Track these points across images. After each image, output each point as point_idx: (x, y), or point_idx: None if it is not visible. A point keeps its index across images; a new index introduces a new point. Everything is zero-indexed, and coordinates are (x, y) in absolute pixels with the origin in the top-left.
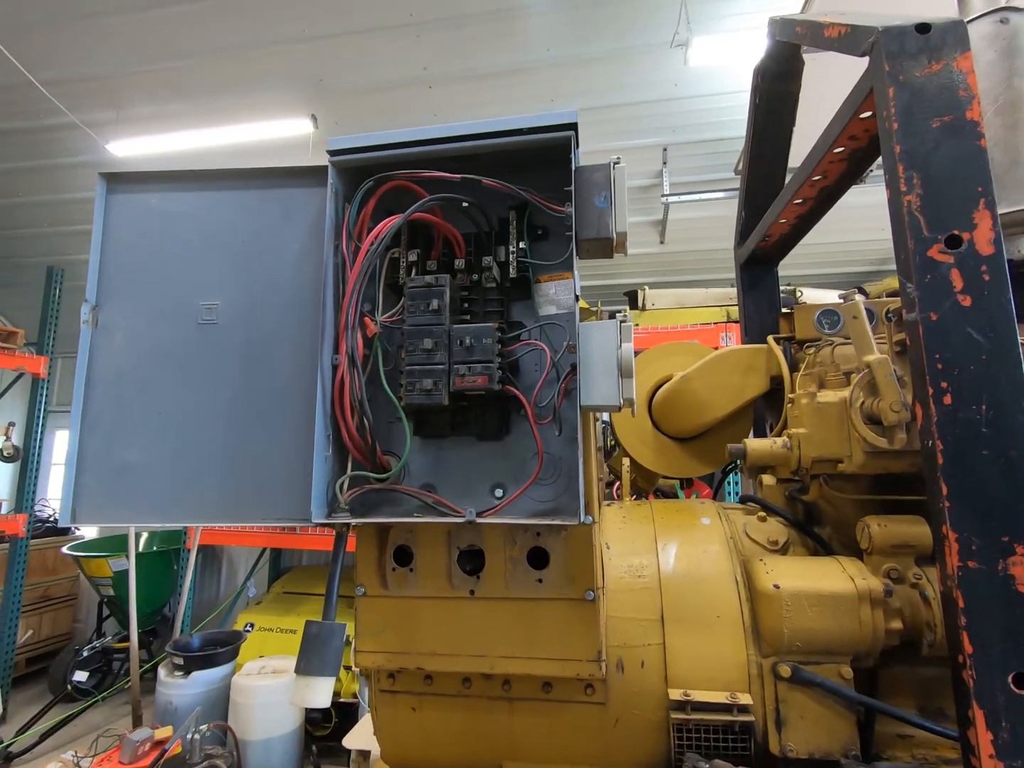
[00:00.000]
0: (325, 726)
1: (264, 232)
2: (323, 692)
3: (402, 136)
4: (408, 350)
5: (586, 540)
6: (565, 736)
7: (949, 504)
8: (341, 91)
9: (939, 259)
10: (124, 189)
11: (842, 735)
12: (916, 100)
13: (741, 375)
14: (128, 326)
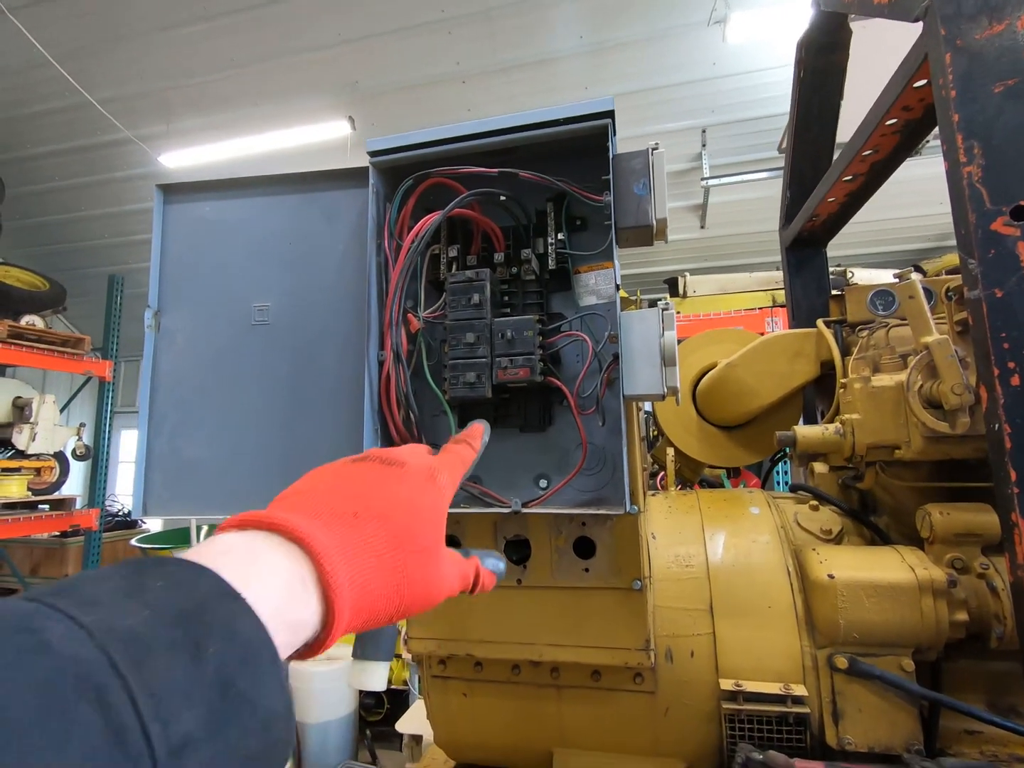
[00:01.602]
0: (378, 711)
1: (308, 234)
2: (378, 675)
3: (438, 134)
4: (451, 344)
5: (632, 530)
6: (614, 724)
7: (1019, 490)
8: (376, 92)
9: (1004, 232)
10: (179, 199)
11: (904, 729)
12: (975, 65)
13: (789, 361)
14: (187, 330)
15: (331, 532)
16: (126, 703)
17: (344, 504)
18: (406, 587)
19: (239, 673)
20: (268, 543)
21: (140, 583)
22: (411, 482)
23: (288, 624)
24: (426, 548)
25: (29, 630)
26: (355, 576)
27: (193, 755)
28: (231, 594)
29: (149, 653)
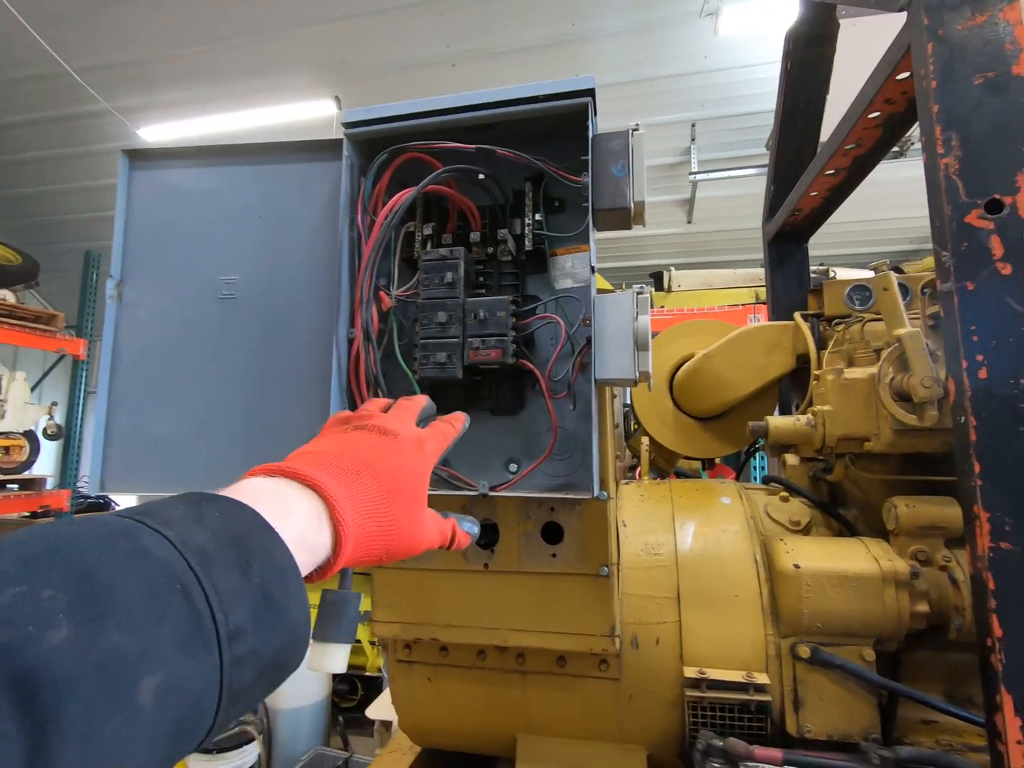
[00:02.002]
0: (351, 698)
1: (280, 207)
2: (339, 658)
3: (415, 107)
4: (422, 323)
5: (601, 516)
6: (579, 710)
7: (981, 482)
8: (364, 72)
9: (977, 225)
10: (146, 166)
11: (862, 718)
12: (957, 56)
13: (765, 353)
14: (151, 301)
15: (339, 484)
16: (201, 596)
17: (349, 464)
18: (394, 532)
19: (275, 588)
20: (292, 487)
21: (200, 512)
22: (403, 450)
23: (308, 546)
24: (411, 503)
25: (131, 537)
26: (356, 517)
27: (243, 641)
28: (268, 527)
29: (214, 564)
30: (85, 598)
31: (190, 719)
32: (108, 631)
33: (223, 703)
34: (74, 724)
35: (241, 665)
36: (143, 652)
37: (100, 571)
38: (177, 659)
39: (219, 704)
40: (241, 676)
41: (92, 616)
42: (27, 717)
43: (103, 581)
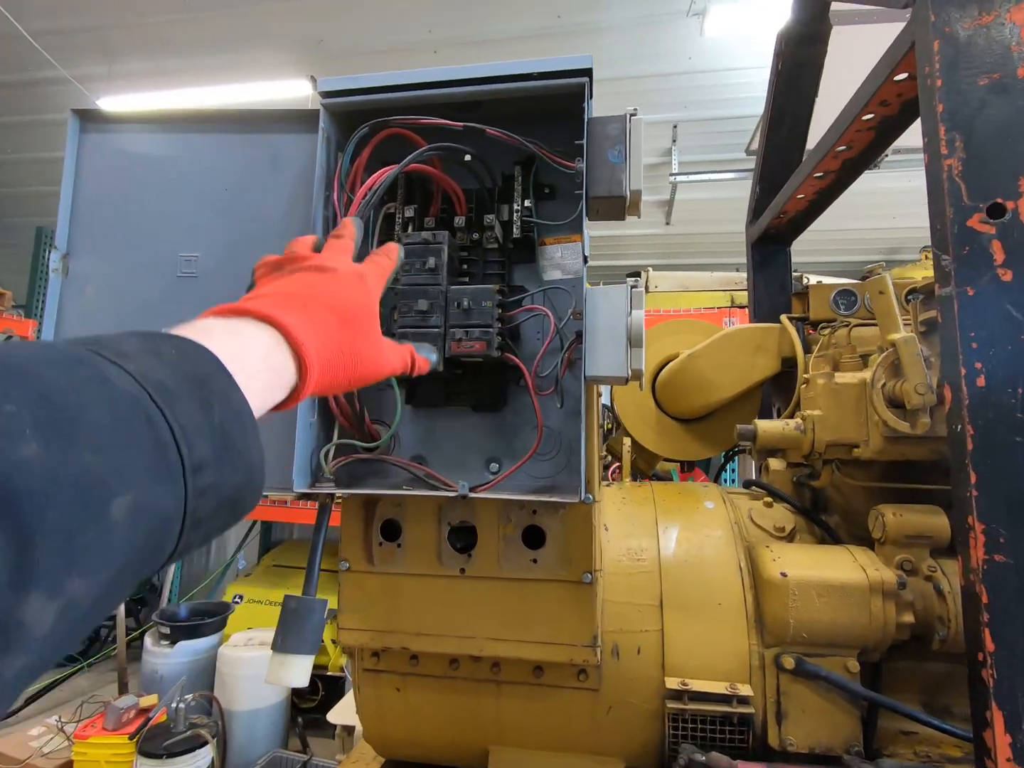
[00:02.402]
0: (312, 699)
1: (250, 180)
2: (300, 671)
3: (400, 78)
4: (401, 311)
5: (585, 520)
6: (555, 722)
7: (977, 493)
8: (342, 53)
9: (979, 229)
10: (100, 129)
11: (845, 730)
12: (962, 55)
13: (750, 355)
14: (100, 277)
15: (292, 315)
16: (166, 428)
17: (295, 299)
18: (355, 356)
19: (233, 428)
20: (245, 322)
21: (156, 348)
22: (345, 282)
23: (274, 369)
24: (366, 329)
25: (90, 365)
26: (315, 342)
27: (205, 474)
28: (225, 371)
29: (175, 399)
30: (51, 417)
31: (156, 539)
32: (77, 449)
33: (186, 529)
34: (53, 530)
35: (202, 496)
36: (115, 472)
37: (63, 392)
38: (146, 483)
39: (182, 529)
40: (202, 506)
41: (60, 435)
42: (9, 522)
43: (67, 402)
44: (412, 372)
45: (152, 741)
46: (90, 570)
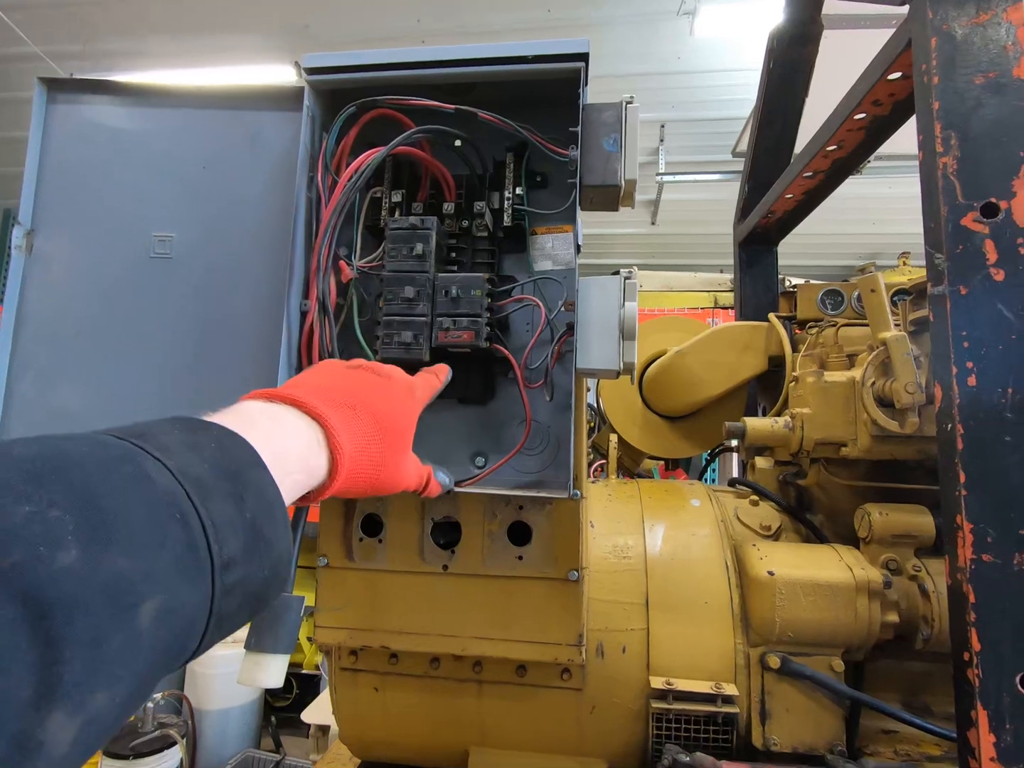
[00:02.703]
0: (286, 697)
1: (228, 159)
2: (275, 671)
3: (389, 56)
4: (387, 299)
5: (572, 517)
6: (537, 722)
7: (966, 493)
8: (327, 40)
9: (973, 228)
10: (69, 99)
11: (828, 730)
12: (960, 53)
13: (738, 353)
14: (67, 256)
15: (337, 415)
16: (199, 526)
17: (346, 399)
18: (383, 467)
19: (265, 522)
20: (291, 413)
21: (196, 440)
22: (396, 391)
23: (307, 468)
24: (400, 443)
25: (133, 462)
26: (351, 449)
27: (233, 571)
28: (261, 464)
29: (210, 495)
30: (91, 521)
31: (181, 641)
32: (113, 555)
33: (210, 628)
34: (81, 641)
35: (230, 594)
36: (145, 576)
37: (105, 495)
38: (175, 585)
39: (207, 628)
40: (229, 604)
41: (98, 539)
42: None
43: (108, 506)
44: (423, 493)
45: (118, 741)
46: (115, 681)
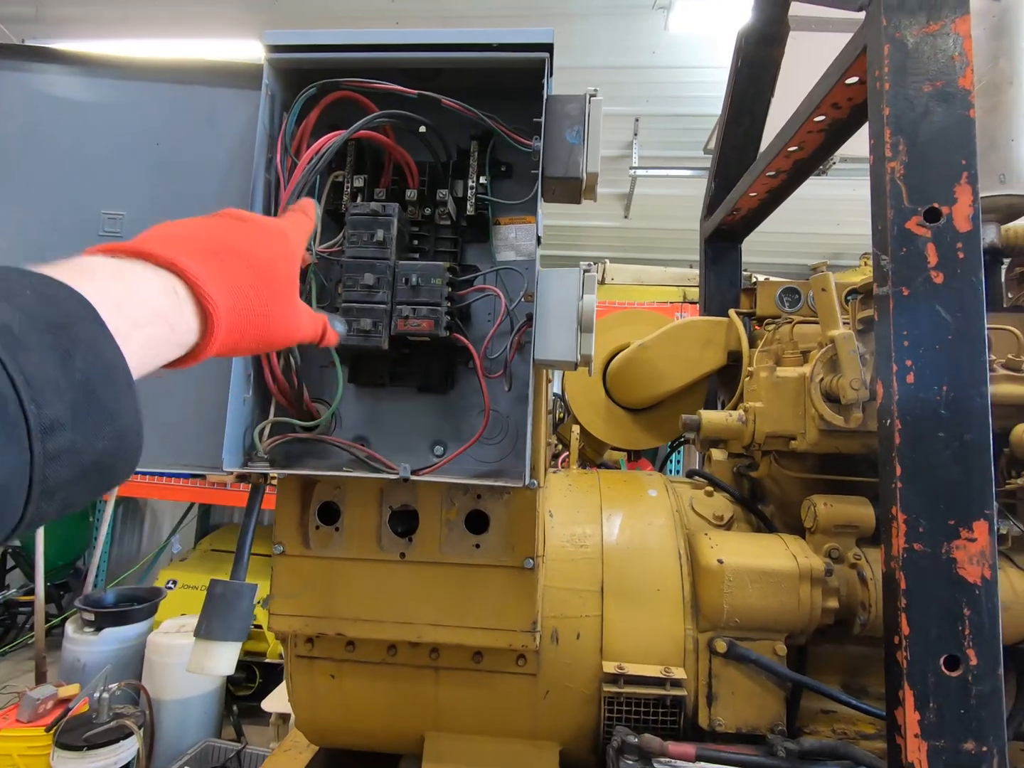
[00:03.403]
0: (248, 686)
1: (184, 136)
2: (225, 659)
3: (356, 37)
4: (346, 285)
5: (529, 506)
6: (492, 707)
7: (901, 485)
8: (297, 16)
9: (916, 232)
10: (13, 66)
11: (770, 711)
12: (910, 61)
13: (699, 347)
14: (10, 232)
15: (198, 262)
16: (5, 380)
17: (206, 245)
18: (269, 316)
19: (100, 385)
20: (139, 265)
21: (8, 287)
22: (266, 232)
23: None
24: (285, 288)
25: None
26: (226, 298)
27: (59, 436)
28: (95, 317)
29: (23, 347)
30: None
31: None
32: None
33: (33, 497)
34: None
35: (56, 460)
36: None
37: None
38: None
39: (28, 499)
40: (57, 473)
41: None
42: None
43: None
44: (320, 342)
45: (71, 733)
46: None
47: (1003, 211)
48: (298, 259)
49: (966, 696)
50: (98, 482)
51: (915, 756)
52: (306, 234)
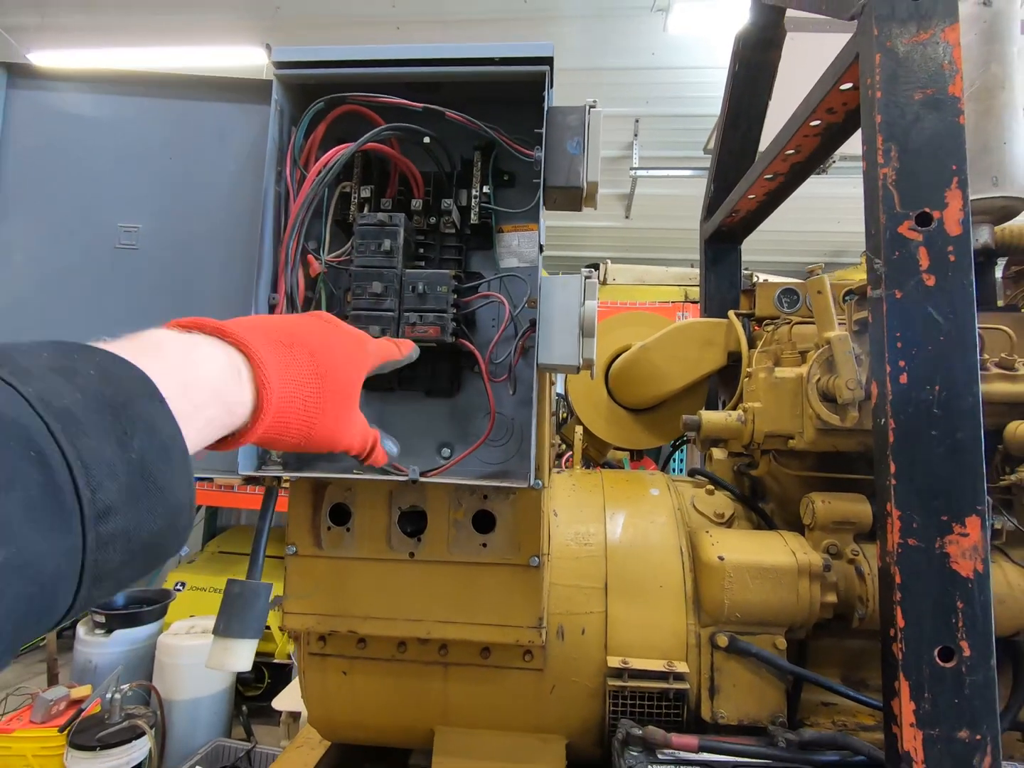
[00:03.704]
0: (257, 686)
1: (195, 150)
2: (243, 656)
3: (358, 53)
4: (355, 293)
5: (534, 505)
6: (500, 702)
7: (896, 482)
8: (300, 21)
9: (908, 236)
10: (32, 85)
11: (771, 703)
12: (901, 69)
13: (699, 348)
14: (30, 244)
15: (267, 349)
16: (63, 467)
17: (281, 336)
18: (319, 416)
19: (157, 465)
20: (208, 342)
21: (71, 366)
22: (344, 336)
23: (224, 402)
24: (342, 392)
25: None
26: (281, 385)
27: (113, 521)
28: (157, 396)
29: (81, 431)
30: None
31: (39, 600)
32: None
33: (85, 583)
34: None
35: (108, 546)
36: None
37: None
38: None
39: (79, 586)
40: (108, 558)
41: None
42: None
43: None
44: (366, 460)
45: (84, 733)
46: None
47: (996, 213)
48: (365, 370)
49: (960, 686)
50: (148, 561)
51: (911, 745)
52: (388, 357)
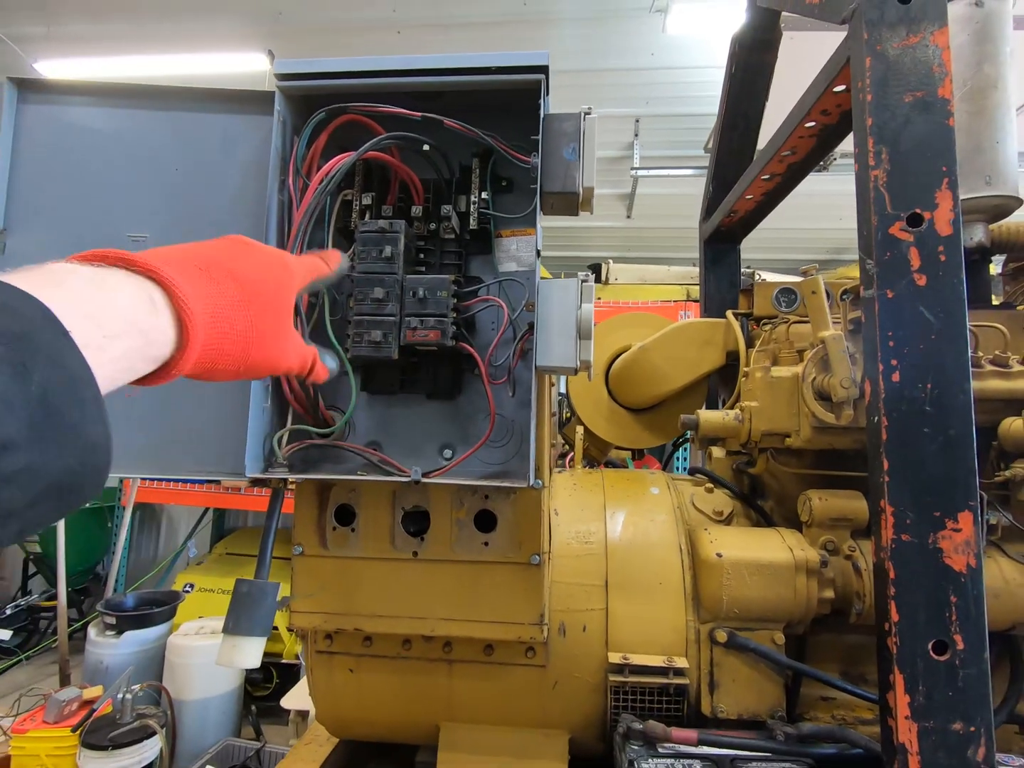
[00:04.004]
0: (266, 686)
1: (201, 160)
2: (252, 653)
3: (359, 64)
4: (357, 299)
5: (535, 504)
6: (504, 698)
7: (889, 479)
8: (301, 28)
9: (900, 237)
10: (40, 99)
11: (770, 698)
12: (891, 72)
13: (698, 348)
14: (42, 256)
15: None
16: None
17: (196, 260)
18: (254, 340)
19: (63, 399)
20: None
21: None
22: (264, 256)
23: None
24: (273, 312)
25: None
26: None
27: (11, 457)
28: (59, 327)
29: None
30: None
31: None
32: None
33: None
34: None
35: (10, 483)
36: None
37: None
38: None
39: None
40: (10, 495)
41: None
42: None
43: None
44: (308, 376)
45: (97, 733)
46: None
47: (990, 211)
48: (293, 291)
49: (953, 679)
50: (61, 503)
51: (906, 737)
52: (316, 273)
